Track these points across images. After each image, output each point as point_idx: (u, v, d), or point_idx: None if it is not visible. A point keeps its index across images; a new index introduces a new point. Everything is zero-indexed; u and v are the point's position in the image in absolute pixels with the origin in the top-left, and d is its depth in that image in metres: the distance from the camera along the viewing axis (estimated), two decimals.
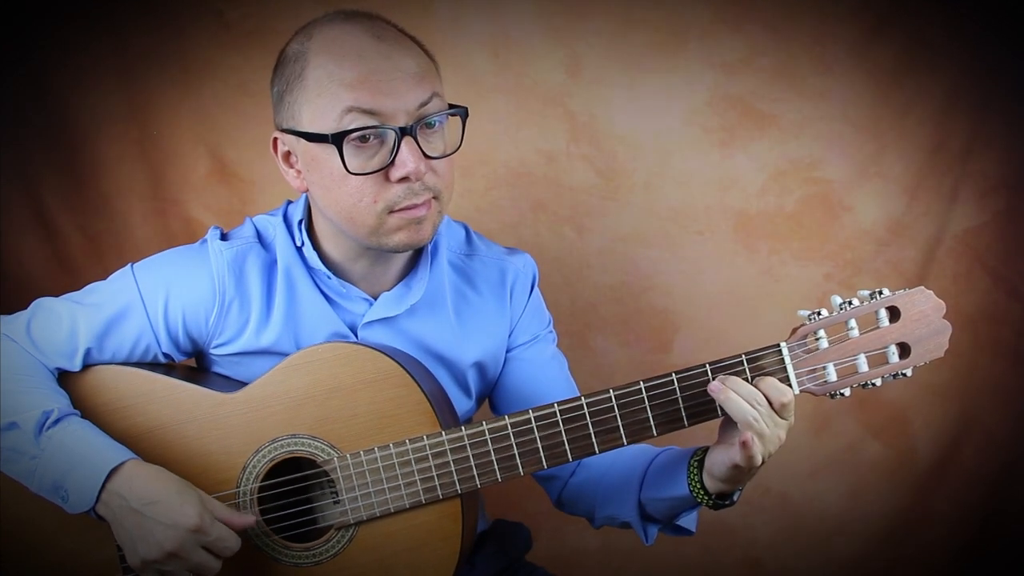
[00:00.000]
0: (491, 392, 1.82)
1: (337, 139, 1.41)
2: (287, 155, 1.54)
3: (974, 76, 2.19)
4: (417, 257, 1.66)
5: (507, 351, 1.77)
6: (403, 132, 1.42)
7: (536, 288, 1.79)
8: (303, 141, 1.47)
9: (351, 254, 1.59)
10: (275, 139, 1.55)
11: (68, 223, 2.26)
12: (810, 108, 2.23)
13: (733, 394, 1.38)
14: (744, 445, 1.36)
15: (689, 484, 1.52)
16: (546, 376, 1.78)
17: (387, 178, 1.44)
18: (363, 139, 1.42)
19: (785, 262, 2.30)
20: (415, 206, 1.46)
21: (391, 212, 1.46)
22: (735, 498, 1.54)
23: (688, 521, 1.65)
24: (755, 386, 1.39)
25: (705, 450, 1.52)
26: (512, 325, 1.75)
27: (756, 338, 2.29)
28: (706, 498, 1.51)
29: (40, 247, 2.26)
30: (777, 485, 2.39)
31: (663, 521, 1.66)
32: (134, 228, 2.29)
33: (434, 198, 1.49)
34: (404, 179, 1.43)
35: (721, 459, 1.44)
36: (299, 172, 1.54)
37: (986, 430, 2.33)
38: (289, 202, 1.69)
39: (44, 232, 2.26)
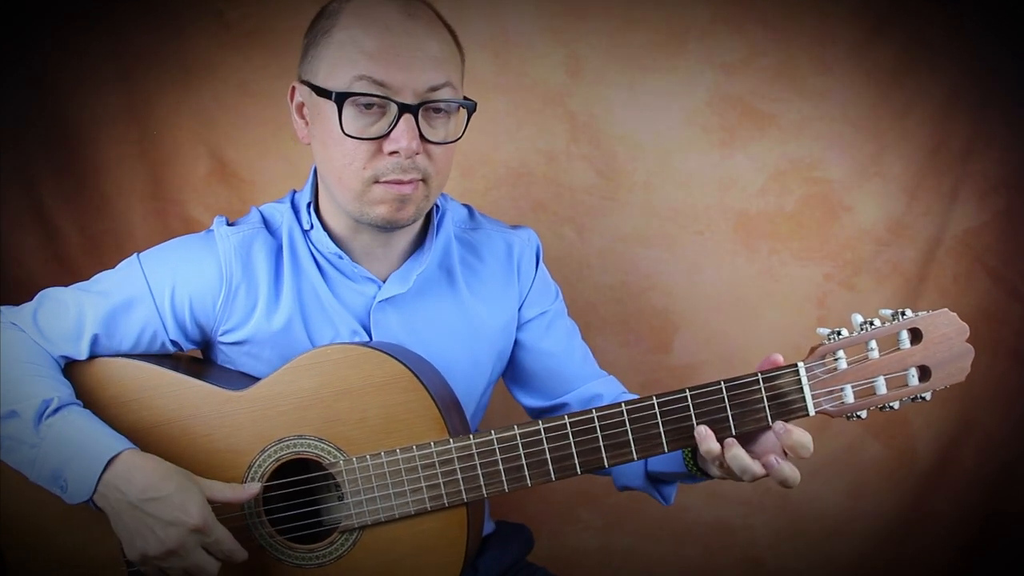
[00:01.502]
0: (509, 372, 1.84)
1: (340, 98, 1.44)
2: (300, 106, 1.57)
3: (974, 76, 2.19)
4: (423, 235, 1.67)
5: (518, 327, 1.78)
6: (405, 108, 1.44)
7: (541, 262, 1.81)
8: (313, 94, 1.49)
9: (351, 228, 1.60)
10: (293, 87, 1.57)
11: (68, 223, 2.26)
12: (810, 108, 2.23)
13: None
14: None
15: (686, 465, 1.54)
16: (561, 354, 1.81)
17: (380, 149, 1.47)
18: (368, 106, 1.45)
19: (785, 262, 2.30)
20: (401, 182, 1.48)
21: (376, 182, 1.48)
22: None
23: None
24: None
25: None
26: (521, 300, 1.77)
27: (756, 338, 2.32)
28: (705, 476, 1.53)
29: (40, 247, 2.26)
30: (777, 485, 2.38)
31: (677, 482, 1.68)
32: (134, 228, 2.28)
33: (423, 181, 1.51)
34: (395, 153, 1.46)
35: (715, 473, 1.47)
36: (307, 123, 1.56)
37: (986, 430, 2.33)
38: (295, 191, 1.70)
39: (44, 232, 2.25)
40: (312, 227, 1.62)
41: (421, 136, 1.46)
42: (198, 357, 1.73)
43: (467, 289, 1.70)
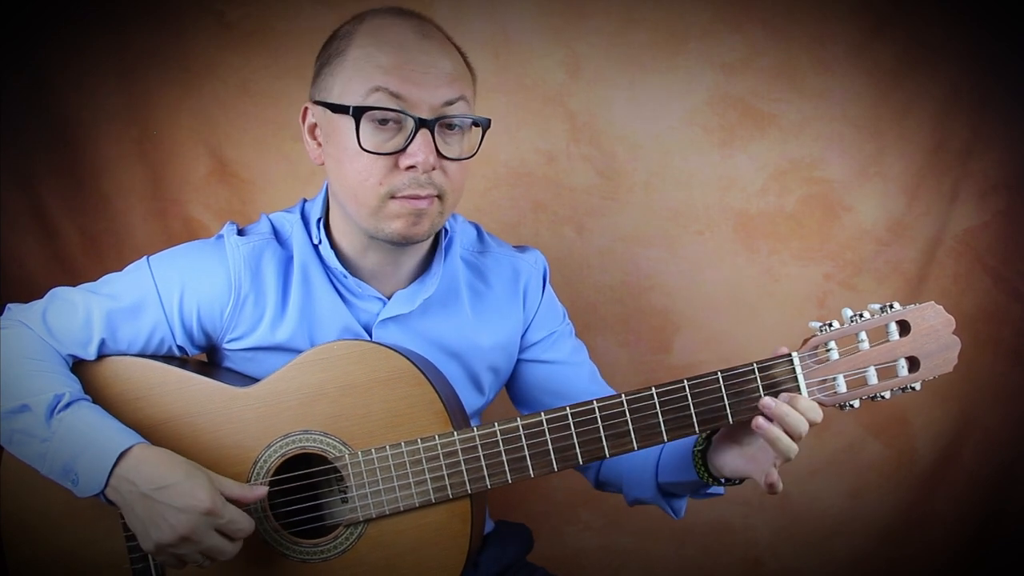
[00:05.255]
0: (514, 391, 1.85)
1: (357, 112, 1.45)
2: (313, 127, 1.58)
3: (974, 76, 2.20)
4: (431, 256, 1.67)
5: (524, 349, 1.79)
6: (422, 123, 1.45)
7: (548, 284, 1.81)
8: (328, 112, 1.50)
9: (360, 247, 1.61)
10: (305, 108, 1.58)
11: (68, 223, 2.26)
12: (810, 108, 2.24)
13: (782, 432, 1.39)
14: (771, 486, 1.42)
15: (697, 473, 1.55)
16: (570, 372, 1.80)
17: (396, 164, 1.47)
18: (383, 122, 1.46)
19: (785, 262, 2.30)
20: (417, 197, 1.49)
21: (393, 197, 1.49)
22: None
23: (716, 489, 1.64)
24: (792, 406, 1.39)
25: (708, 439, 1.54)
26: (526, 324, 1.78)
27: (756, 338, 2.32)
28: (716, 482, 1.55)
29: (40, 247, 2.26)
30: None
31: (687, 495, 1.69)
32: (134, 228, 2.28)
33: (438, 197, 1.51)
34: (412, 168, 1.46)
35: (732, 465, 1.48)
36: (319, 144, 1.57)
37: (986, 430, 2.33)
38: (305, 200, 1.70)
39: (44, 232, 2.25)
40: (320, 242, 1.62)
41: (437, 152, 1.47)
42: (203, 360, 1.74)
43: (471, 313, 1.71)
